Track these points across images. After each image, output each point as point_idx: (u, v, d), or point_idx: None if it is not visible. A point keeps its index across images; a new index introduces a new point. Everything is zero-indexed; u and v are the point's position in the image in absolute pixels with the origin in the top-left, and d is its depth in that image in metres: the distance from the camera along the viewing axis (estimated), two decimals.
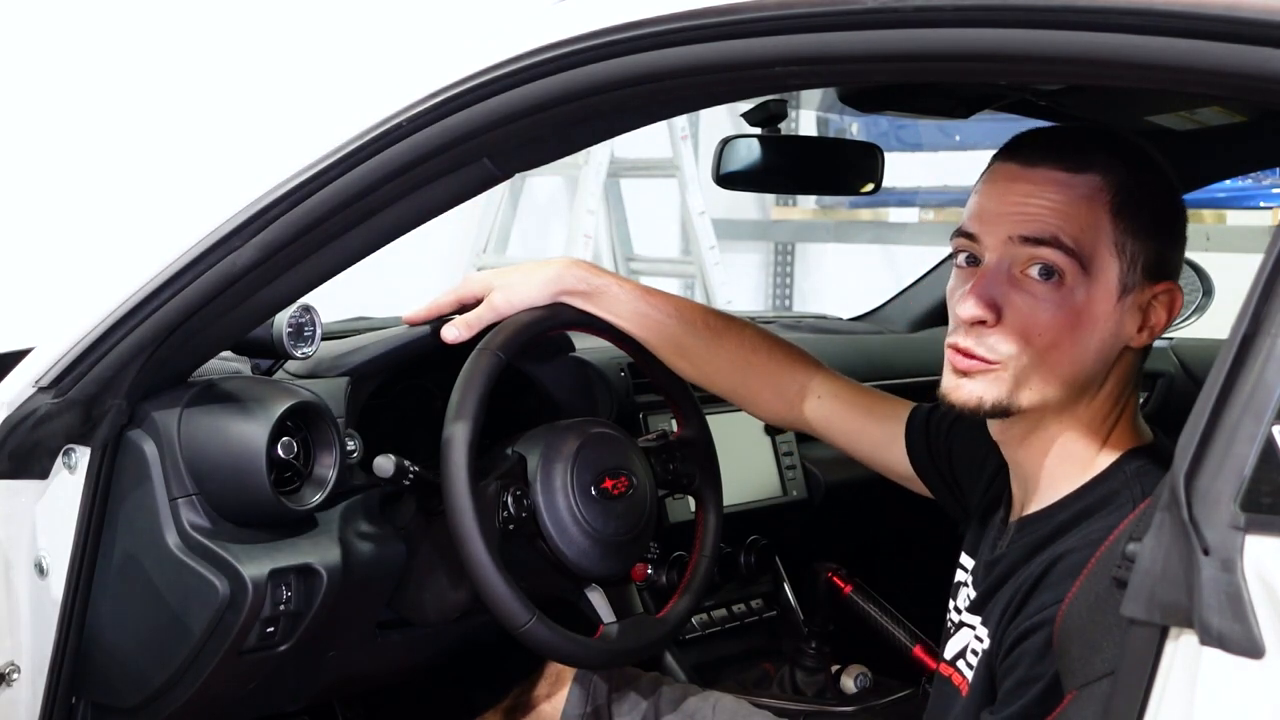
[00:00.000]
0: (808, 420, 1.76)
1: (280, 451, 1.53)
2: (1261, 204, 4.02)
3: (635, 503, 1.71)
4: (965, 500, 1.61)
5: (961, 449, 1.62)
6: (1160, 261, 1.33)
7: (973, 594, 1.45)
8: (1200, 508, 0.89)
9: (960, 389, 1.35)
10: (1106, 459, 1.36)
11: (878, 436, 1.71)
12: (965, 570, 1.49)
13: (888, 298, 2.85)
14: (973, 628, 1.43)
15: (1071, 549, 1.30)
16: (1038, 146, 1.35)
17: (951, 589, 1.50)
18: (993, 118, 1.97)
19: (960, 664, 1.45)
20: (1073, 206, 1.31)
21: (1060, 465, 1.38)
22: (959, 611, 1.47)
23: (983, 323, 1.32)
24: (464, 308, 1.73)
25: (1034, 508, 1.40)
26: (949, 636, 1.49)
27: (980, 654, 1.40)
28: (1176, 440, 0.92)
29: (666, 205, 5.24)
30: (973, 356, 1.33)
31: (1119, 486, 1.33)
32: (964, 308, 1.33)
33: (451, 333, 1.70)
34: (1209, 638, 0.88)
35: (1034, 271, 1.31)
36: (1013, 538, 1.40)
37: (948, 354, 1.36)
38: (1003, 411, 1.34)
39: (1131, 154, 1.36)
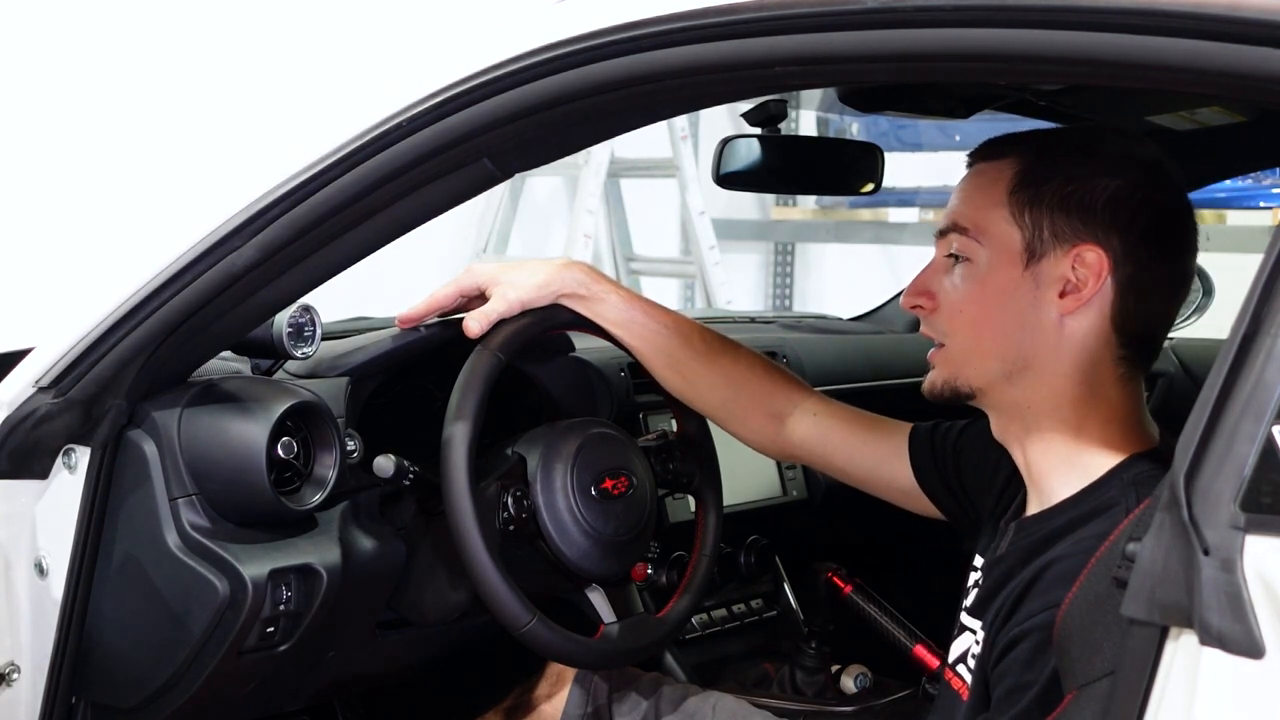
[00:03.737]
0: (800, 439, 1.74)
1: (280, 451, 1.53)
2: (1261, 204, 4.02)
3: (635, 503, 1.71)
4: (975, 511, 1.60)
5: (970, 459, 1.62)
6: (1078, 226, 1.35)
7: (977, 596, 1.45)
8: (1200, 508, 0.89)
9: (926, 379, 1.46)
10: (1106, 463, 1.35)
11: (879, 451, 1.70)
12: (976, 570, 1.49)
13: (888, 298, 2.85)
14: (973, 631, 1.43)
15: (1063, 555, 1.30)
16: (980, 147, 1.45)
17: (965, 589, 1.50)
18: (993, 118, 1.97)
19: (960, 668, 1.45)
20: (975, 190, 1.42)
21: (1057, 466, 1.38)
22: (965, 613, 1.47)
23: (920, 308, 1.44)
24: (465, 299, 1.73)
25: (1033, 510, 1.41)
26: (954, 639, 1.49)
27: (978, 658, 1.40)
28: (1177, 440, 0.92)
29: (666, 205, 5.24)
30: (932, 341, 1.45)
31: (1116, 494, 1.32)
32: (902, 298, 1.47)
33: (475, 326, 1.67)
34: (1209, 638, 0.88)
35: (951, 257, 1.42)
36: (1011, 539, 1.40)
37: None
38: (954, 392, 1.43)
39: (1057, 139, 1.46)
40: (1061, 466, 1.38)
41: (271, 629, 1.55)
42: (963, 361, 1.42)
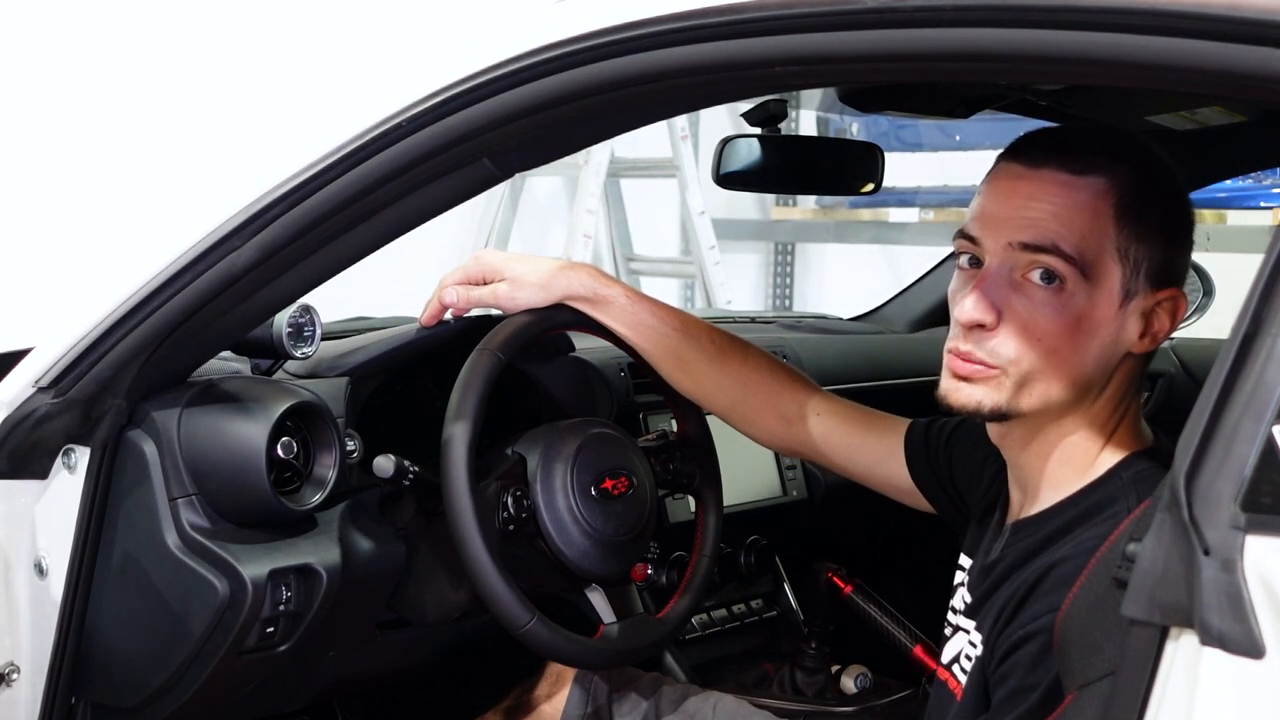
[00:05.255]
0: (805, 439, 1.74)
1: (280, 451, 1.53)
2: (1261, 204, 4.02)
3: (635, 503, 1.71)
4: (965, 507, 1.61)
5: (961, 455, 1.62)
6: (1166, 267, 1.32)
7: (968, 597, 1.45)
8: (1200, 508, 0.89)
9: (959, 392, 1.34)
10: (1105, 463, 1.35)
11: (877, 449, 1.71)
12: (963, 570, 1.49)
13: (888, 298, 2.85)
14: (967, 632, 1.43)
15: (1065, 557, 1.29)
16: (1042, 147, 1.34)
17: (951, 590, 1.50)
18: (993, 118, 1.97)
19: (955, 669, 1.45)
20: (1075, 211, 1.29)
21: (1059, 469, 1.37)
22: (955, 613, 1.47)
23: (981, 326, 1.31)
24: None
25: (1031, 511, 1.40)
26: (946, 640, 1.48)
27: (974, 659, 1.40)
28: (1177, 440, 0.92)
29: (666, 205, 5.24)
30: (972, 361, 1.33)
31: (1115, 493, 1.32)
32: (963, 310, 1.32)
33: (451, 295, 1.68)
34: (1209, 638, 0.87)
35: (1035, 276, 1.30)
36: (1008, 541, 1.40)
37: (946, 359, 1.36)
38: (1001, 416, 1.34)
39: (1138, 154, 1.34)
40: (1064, 470, 1.37)
41: (271, 629, 1.55)
42: (1023, 388, 1.32)
